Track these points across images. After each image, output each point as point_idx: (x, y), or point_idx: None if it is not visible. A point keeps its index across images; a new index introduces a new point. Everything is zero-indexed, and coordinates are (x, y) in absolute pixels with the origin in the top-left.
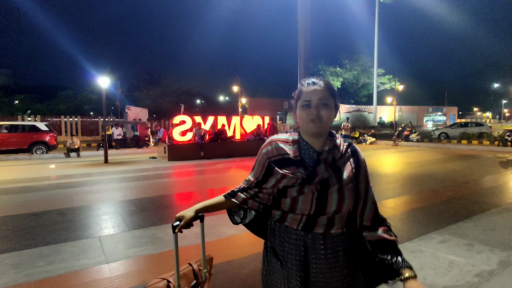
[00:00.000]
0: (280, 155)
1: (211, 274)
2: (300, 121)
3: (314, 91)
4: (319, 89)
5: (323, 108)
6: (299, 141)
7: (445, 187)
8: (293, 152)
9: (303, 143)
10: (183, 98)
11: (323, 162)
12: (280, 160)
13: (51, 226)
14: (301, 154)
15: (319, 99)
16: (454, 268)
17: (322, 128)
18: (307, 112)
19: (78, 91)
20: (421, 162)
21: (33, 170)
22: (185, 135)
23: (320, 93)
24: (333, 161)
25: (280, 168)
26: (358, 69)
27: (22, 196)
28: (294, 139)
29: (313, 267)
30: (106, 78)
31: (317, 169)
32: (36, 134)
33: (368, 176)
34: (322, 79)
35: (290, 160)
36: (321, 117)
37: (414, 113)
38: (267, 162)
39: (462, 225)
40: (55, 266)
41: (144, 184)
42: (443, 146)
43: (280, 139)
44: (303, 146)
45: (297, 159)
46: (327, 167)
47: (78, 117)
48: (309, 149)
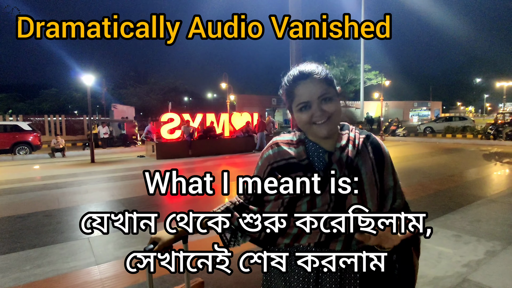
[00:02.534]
0: (284, 160)
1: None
2: (303, 126)
3: (310, 90)
4: (316, 84)
5: (327, 104)
6: (305, 141)
7: (432, 180)
8: (299, 155)
9: (310, 143)
10: (171, 95)
11: (336, 164)
12: (285, 166)
13: (38, 228)
14: (309, 157)
15: (319, 97)
16: (443, 259)
17: (331, 127)
18: (310, 114)
19: (61, 90)
20: (408, 157)
21: (17, 171)
22: (173, 133)
23: (319, 89)
24: (348, 160)
25: (284, 176)
26: (345, 65)
27: (6, 198)
28: (300, 139)
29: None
30: (91, 75)
31: (328, 173)
32: (18, 134)
33: (395, 174)
34: (313, 65)
35: (296, 165)
36: (329, 114)
37: (400, 108)
38: (268, 169)
39: (449, 217)
40: (43, 269)
41: (132, 183)
42: (429, 140)
43: (283, 141)
44: (310, 147)
45: (305, 163)
46: (342, 169)
47: (62, 116)
48: (317, 149)
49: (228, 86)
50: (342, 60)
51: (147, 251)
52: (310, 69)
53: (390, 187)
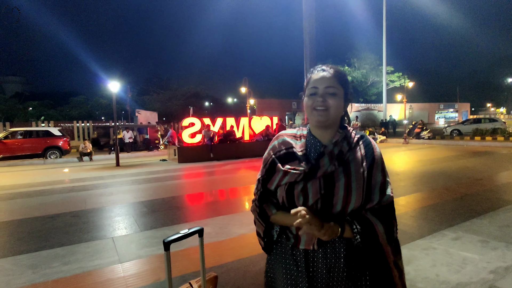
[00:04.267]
0: (285, 149)
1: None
2: (306, 110)
3: (321, 79)
4: (328, 76)
5: (329, 97)
6: (307, 136)
7: (458, 184)
8: (299, 147)
9: (311, 137)
10: (192, 100)
11: (327, 155)
12: (285, 155)
13: (66, 228)
14: (307, 148)
15: (326, 87)
16: (468, 264)
17: (327, 117)
18: (313, 100)
19: (89, 97)
20: (433, 160)
21: (48, 174)
22: (194, 137)
23: (328, 80)
24: (340, 154)
25: (283, 164)
26: (367, 67)
27: (37, 199)
28: (302, 134)
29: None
30: (117, 83)
31: (319, 162)
32: (50, 139)
33: (385, 171)
34: (332, 66)
35: (295, 155)
36: (327, 105)
37: (425, 111)
38: (271, 158)
39: (476, 222)
40: (70, 266)
41: (155, 186)
42: (456, 143)
43: (288, 134)
44: (310, 140)
45: (302, 153)
46: (332, 160)
47: (90, 121)
48: (316, 143)
49: (248, 91)
50: (364, 62)
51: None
52: (330, 67)
53: (377, 182)
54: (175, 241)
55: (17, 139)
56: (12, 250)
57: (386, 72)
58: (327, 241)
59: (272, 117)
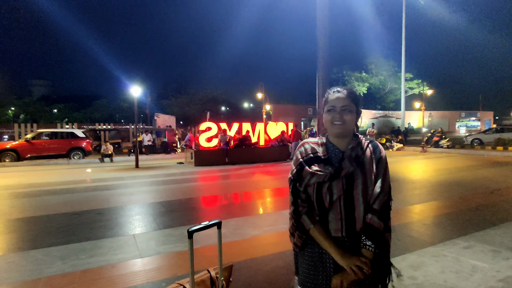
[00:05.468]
0: (312, 153)
1: (231, 281)
2: (326, 123)
3: (337, 98)
4: (342, 96)
5: (345, 113)
6: (327, 144)
7: (475, 194)
8: (322, 152)
9: (330, 144)
10: (209, 105)
11: (347, 158)
12: (311, 158)
13: (91, 224)
14: (328, 154)
15: (342, 106)
16: (477, 273)
17: (344, 129)
18: (332, 116)
19: (111, 100)
20: (451, 169)
21: (72, 174)
22: (210, 141)
23: (343, 100)
24: (356, 157)
25: (310, 166)
26: (385, 74)
27: (64, 196)
28: (322, 141)
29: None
30: (138, 87)
31: (342, 164)
32: (74, 141)
33: (387, 169)
34: (346, 88)
35: (320, 158)
36: (344, 120)
37: (445, 119)
38: (299, 162)
39: (489, 232)
40: (96, 259)
41: (172, 187)
42: (476, 152)
43: (311, 141)
44: (330, 147)
45: (325, 157)
46: (351, 162)
47: (111, 124)
48: (335, 149)
49: (264, 96)
50: (382, 68)
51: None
52: (344, 89)
53: (380, 177)
54: (198, 230)
55: (43, 139)
56: (43, 242)
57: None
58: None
59: (288, 123)
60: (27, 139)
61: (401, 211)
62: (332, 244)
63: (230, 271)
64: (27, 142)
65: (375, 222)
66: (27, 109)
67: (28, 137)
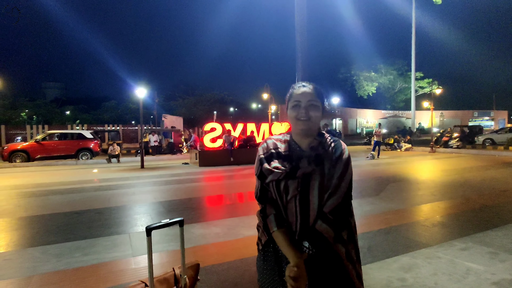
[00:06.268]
0: (273, 149)
1: (198, 279)
2: (290, 120)
3: (303, 93)
4: (308, 91)
5: (311, 109)
6: (289, 141)
7: (480, 195)
8: (283, 149)
9: (292, 142)
10: (216, 106)
11: (306, 157)
12: (272, 154)
13: (90, 223)
14: (289, 151)
15: (308, 100)
16: (471, 275)
17: (309, 126)
18: (297, 112)
19: (119, 102)
20: (458, 170)
21: (79, 174)
22: (215, 142)
23: (309, 95)
24: (316, 156)
25: (269, 163)
26: (394, 73)
27: (68, 196)
28: (286, 139)
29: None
30: (143, 89)
31: (299, 163)
32: (82, 142)
33: (346, 170)
34: (311, 83)
35: (280, 154)
36: (309, 116)
37: (457, 118)
38: (259, 158)
39: (489, 234)
40: (90, 257)
41: (174, 187)
42: (487, 153)
43: (275, 138)
44: (292, 145)
45: (286, 153)
46: (310, 162)
47: (120, 125)
48: (296, 147)
49: (269, 97)
50: (391, 68)
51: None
52: (309, 84)
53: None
54: (156, 228)
55: (53, 140)
56: (41, 241)
57: (415, 78)
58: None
59: None
60: (37, 140)
61: (400, 212)
62: (292, 250)
63: (196, 270)
64: (37, 143)
65: (323, 229)
66: (40, 111)
67: (38, 138)
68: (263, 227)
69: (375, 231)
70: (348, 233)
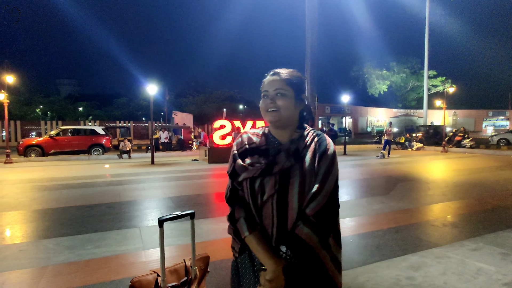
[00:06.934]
0: (247, 144)
1: (208, 271)
2: (261, 112)
3: (271, 82)
4: (278, 79)
5: (279, 98)
6: (267, 135)
7: (493, 195)
8: (259, 143)
9: (270, 136)
10: (226, 103)
11: (284, 152)
12: (246, 150)
13: (101, 216)
14: (267, 146)
15: (275, 89)
16: (481, 275)
17: (278, 117)
18: (265, 103)
19: (131, 99)
20: (471, 170)
21: (91, 169)
22: (224, 139)
23: (277, 82)
24: (296, 151)
25: (243, 159)
26: (407, 71)
27: (80, 190)
28: (264, 132)
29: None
30: (154, 86)
31: (276, 158)
32: (94, 137)
33: (331, 167)
34: (284, 70)
35: (255, 150)
36: (278, 107)
37: (471, 118)
38: (233, 154)
39: (502, 235)
40: (101, 249)
41: (184, 183)
42: (502, 153)
43: (250, 132)
44: (270, 138)
45: (262, 148)
46: (288, 156)
47: (131, 122)
48: (274, 141)
49: None
50: (404, 66)
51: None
52: (279, 71)
53: (319, 177)
54: (168, 220)
55: (66, 136)
56: (55, 233)
57: (428, 77)
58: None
59: None
60: (51, 135)
61: (410, 211)
62: (268, 256)
63: (206, 262)
64: (51, 139)
65: (305, 233)
66: (54, 107)
67: (52, 133)
68: (234, 234)
69: (384, 230)
70: (334, 238)
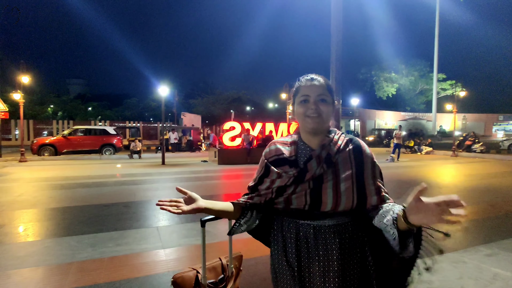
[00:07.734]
0: (276, 156)
1: (241, 270)
2: (298, 117)
3: (312, 87)
4: (318, 84)
5: (321, 104)
6: (297, 142)
7: (507, 201)
8: (289, 153)
9: (301, 143)
10: (234, 105)
11: (315, 158)
12: (276, 160)
13: (118, 215)
14: (297, 154)
15: (318, 95)
16: (498, 281)
17: (320, 123)
18: (305, 108)
19: (140, 99)
20: (483, 175)
21: (103, 169)
22: (234, 141)
23: (319, 88)
24: (328, 156)
25: (275, 167)
26: (416, 74)
27: (95, 189)
28: (293, 140)
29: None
30: (166, 87)
31: (307, 165)
32: (106, 137)
33: (377, 172)
34: (320, 76)
35: (285, 160)
36: (320, 112)
37: (481, 122)
38: (264, 163)
39: None
40: (122, 247)
41: (195, 184)
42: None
43: (279, 141)
44: (300, 146)
45: (292, 159)
46: (320, 163)
47: (141, 122)
48: (305, 148)
49: (288, 96)
50: (412, 69)
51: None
52: (318, 76)
53: (369, 183)
54: (210, 220)
55: (78, 136)
56: (75, 230)
57: (438, 80)
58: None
59: None
60: (64, 135)
61: None
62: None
63: (240, 261)
64: (64, 138)
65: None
66: (65, 106)
67: (65, 133)
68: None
69: None
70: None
